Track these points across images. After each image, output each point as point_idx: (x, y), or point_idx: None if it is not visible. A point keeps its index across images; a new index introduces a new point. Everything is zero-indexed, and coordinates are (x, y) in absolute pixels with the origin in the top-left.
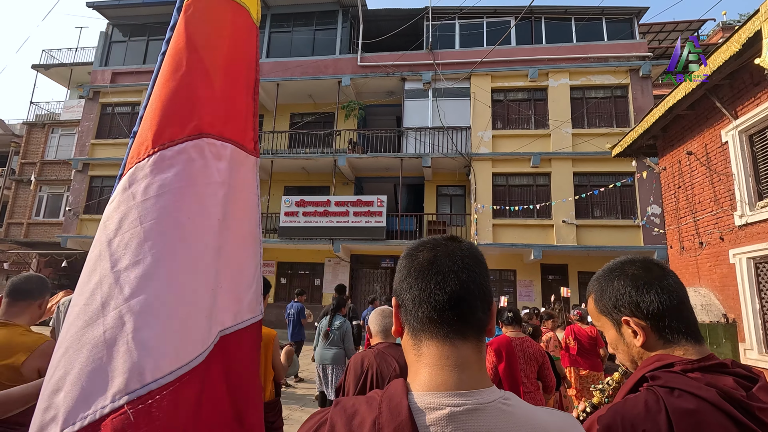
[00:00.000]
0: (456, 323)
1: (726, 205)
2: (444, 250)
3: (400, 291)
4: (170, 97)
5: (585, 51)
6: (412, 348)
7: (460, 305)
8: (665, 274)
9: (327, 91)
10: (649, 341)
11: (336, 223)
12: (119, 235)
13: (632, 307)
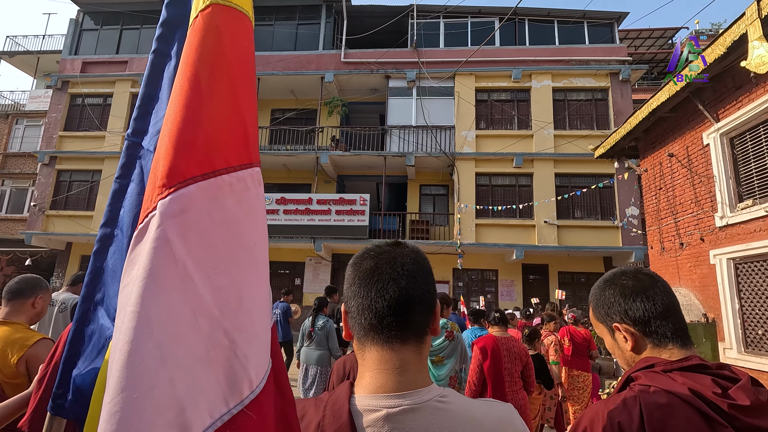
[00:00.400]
0: (395, 329)
1: (707, 206)
2: (387, 257)
3: (347, 298)
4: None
5: (567, 53)
6: (358, 352)
7: (399, 311)
8: (653, 282)
9: (309, 86)
10: (638, 345)
11: (318, 222)
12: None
13: (621, 314)
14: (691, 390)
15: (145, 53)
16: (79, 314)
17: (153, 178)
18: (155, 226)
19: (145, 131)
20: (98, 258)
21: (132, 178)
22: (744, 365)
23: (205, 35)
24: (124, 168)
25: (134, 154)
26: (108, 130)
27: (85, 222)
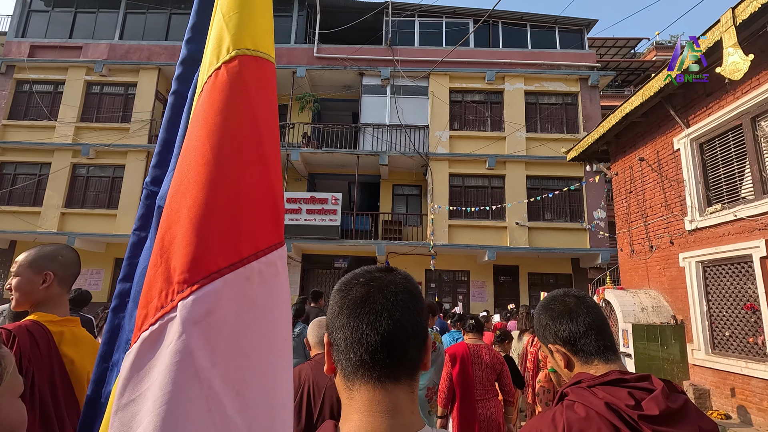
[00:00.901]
0: (388, 366)
1: (676, 210)
2: (378, 284)
3: (332, 329)
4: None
5: (539, 57)
6: (344, 390)
7: (392, 346)
8: (578, 303)
9: (280, 81)
10: (569, 363)
11: (287, 221)
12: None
13: (553, 335)
14: (607, 403)
15: (102, 39)
16: (96, 375)
17: (166, 268)
18: (176, 334)
19: (163, 179)
20: (116, 315)
21: (151, 230)
22: (712, 366)
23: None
24: (142, 219)
25: (152, 204)
26: (59, 120)
27: (32, 219)
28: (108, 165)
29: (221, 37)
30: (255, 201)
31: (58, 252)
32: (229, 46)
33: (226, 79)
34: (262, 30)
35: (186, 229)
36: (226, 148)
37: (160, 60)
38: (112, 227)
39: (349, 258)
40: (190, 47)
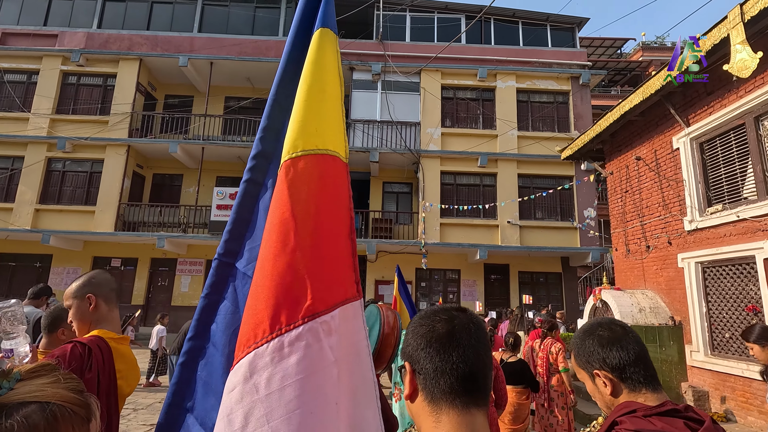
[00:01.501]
0: (474, 393)
1: (675, 210)
2: (460, 323)
3: (419, 358)
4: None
5: (530, 55)
6: (431, 414)
7: (478, 377)
8: (625, 333)
9: (267, 74)
10: (615, 390)
11: None
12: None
13: (600, 362)
14: None
15: (79, 27)
16: (164, 418)
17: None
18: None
19: (237, 253)
20: (186, 369)
21: (225, 296)
22: (711, 368)
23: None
24: (213, 286)
25: (226, 273)
26: (32, 112)
27: (4, 215)
28: (85, 159)
29: (294, 137)
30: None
31: (91, 276)
32: (297, 145)
33: (293, 174)
34: (330, 130)
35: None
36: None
37: (142, 50)
38: (90, 224)
39: None
40: (263, 144)
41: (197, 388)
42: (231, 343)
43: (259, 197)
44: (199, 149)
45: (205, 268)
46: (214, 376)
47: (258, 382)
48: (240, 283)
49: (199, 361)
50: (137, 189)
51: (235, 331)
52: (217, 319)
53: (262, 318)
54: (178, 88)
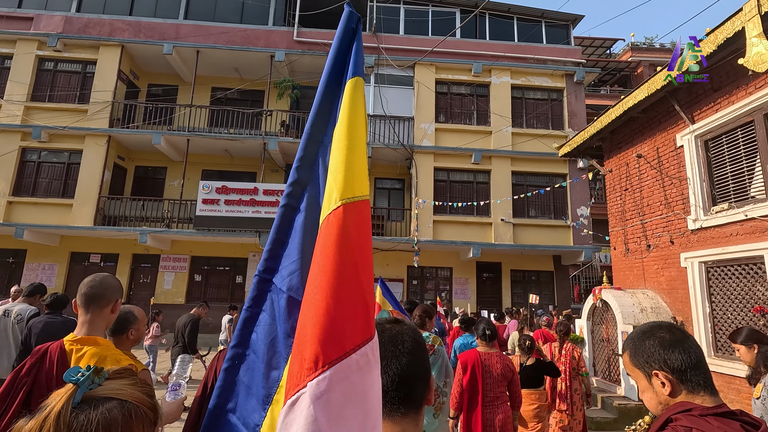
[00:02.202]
0: (396, 403)
1: (678, 208)
2: (388, 335)
3: None
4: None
5: (525, 51)
6: None
7: (400, 387)
8: (685, 337)
9: (256, 65)
10: (674, 391)
11: (264, 214)
12: None
13: (661, 362)
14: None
15: (56, 10)
16: (209, 420)
17: (300, 359)
18: (306, 404)
19: (275, 269)
20: (229, 374)
21: (263, 309)
22: (714, 369)
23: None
24: (254, 300)
25: (265, 288)
26: (5, 98)
27: None
28: (63, 150)
29: (331, 190)
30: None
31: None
32: (336, 197)
33: (334, 222)
34: (359, 177)
35: (312, 336)
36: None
37: (124, 36)
38: (67, 218)
39: None
40: (299, 173)
41: (239, 391)
42: (269, 351)
43: (294, 220)
44: (184, 141)
45: (189, 264)
46: (255, 381)
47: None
48: (276, 297)
49: (242, 367)
50: (118, 182)
51: (272, 340)
52: (257, 329)
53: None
54: (161, 77)
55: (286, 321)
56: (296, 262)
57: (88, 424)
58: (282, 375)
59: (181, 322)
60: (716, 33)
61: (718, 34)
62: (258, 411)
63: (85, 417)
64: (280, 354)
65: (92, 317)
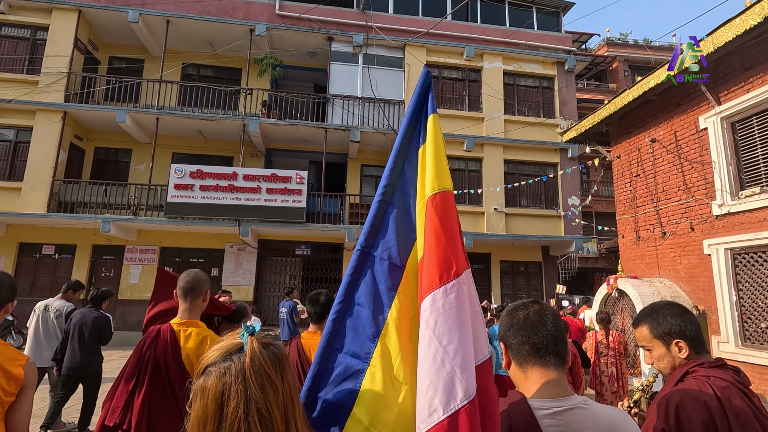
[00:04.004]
0: (548, 356)
1: (700, 193)
2: (536, 307)
3: (508, 337)
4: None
5: (517, 37)
6: (520, 373)
7: (550, 344)
8: (688, 310)
9: (232, 39)
10: (689, 354)
11: (244, 201)
12: (437, 328)
13: (680, 333)
14: (732, 377)
15: None
16: (319, 357)
17: (429, 279)
18: (440, 298)
19: (373, 245)
20: (336, 322)
21: (364, 273)
22: (743, 359)
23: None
24: (356, 268)
25: (365, 259)
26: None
27: None
28: (8, 126)
29: (424, 182)
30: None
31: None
32: (435, 187)
33: (431, 207)
34: (445, 176)
35: (435, 262)
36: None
37: (82, 0)
38: (15, 204)
39: (313, 244)
40: (391, 178)
41: (346, 334)
42: (374, 302)
43: (387, 211)
44: (153, 120)
45: (158, 256)
46: (363, 324)
47: (438, 305)
48: (378, 264)
49: (347, 317)
50: (75, 164)
51: (375, 294)
52: (360, 288)
53: (434, 277)
54: (125, 49)
55: (388, 279)
56: (393, 239)
57: (269, 355)
58: (386, 317)
59: None
60: (762, 4)
61: (761, 7)
62: (367, 344)
63: (263, 351)
64: (384, 303)
65: (190, 305)
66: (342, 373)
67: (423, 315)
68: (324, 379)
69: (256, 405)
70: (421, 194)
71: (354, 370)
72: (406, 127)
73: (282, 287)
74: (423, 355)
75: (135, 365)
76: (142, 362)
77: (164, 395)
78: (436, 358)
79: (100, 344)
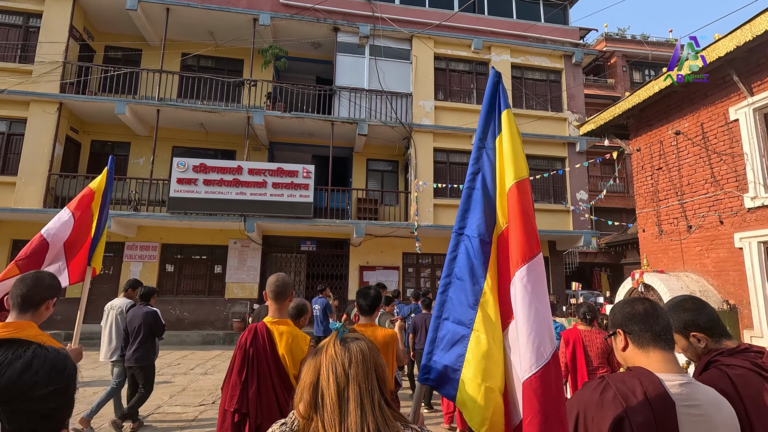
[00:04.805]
0: (667, 341)
1: (730, 186)
2: (651, 303)
3: (627, 324)
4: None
5: (524, 29)
6: (642, 354)
7: (667, 332)
8: (705, 304)
9: (235, 29)
10: (707, 344)
11: (249, 196)
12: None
13: (695, 326)
14: (751, 363)
15: None
16: (432, 326)
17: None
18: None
19: (464, 226)
20: (443, 295)
21: (460, 251)
22: None
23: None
24: (454, 247)
25: (459, 239)
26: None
27: None
28: (1, 117)
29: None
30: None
31: None
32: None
33: (518, 190)
34: (522, 161)
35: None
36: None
37: None
38: (8, 199)
39: (319, 240)
40: (475, 167)
41: (452, 305)
42: (471, 274)
43: (473, 195)
44: (152, 112)
45: (159, 253)
46: (465, 293)
47: (533, 273)
48: (469, 241)
49: (450, 290)
50: (71, 158)
51: (471, 267)
52: (457, 264)
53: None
54: (122, 38)
55: (480, 254)
56: (480, 218)
57: (351, 350)
58: (483, 287)
59: None
60: None
61: None
62: (469, 312)
63: (347, 347)
64: (479, 274)
65: (279, 306)
66: (450, 339)
67: (520, 281)
68: (437, 345)
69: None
70: (501, 178)
71: (460, 335)
72: (483, 122)
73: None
74: (524, 312)
75: (242, 359)
76: (247, 356)
77: (268, 383)
78: (539, 315)
79: (153, 337)
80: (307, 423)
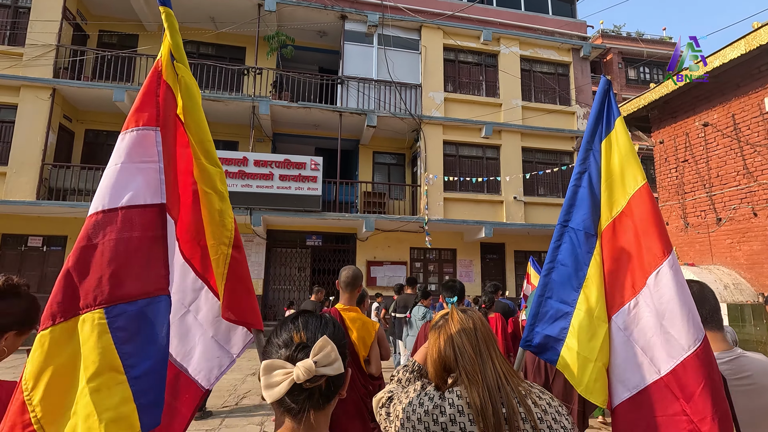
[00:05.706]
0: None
1: (765, 178)
2: (699, 285)
3: None
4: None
5: (532, 21)
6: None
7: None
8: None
9: (237, 15)
10: None
11: (255, 189)
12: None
13: None
14: None
15: None
16: (535, 302)
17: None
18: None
19: (569, 220)
20: (546, 278)
21: (564, 241)
22: None
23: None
24: (558, 237)
25: (563, 231)
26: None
27: None
28: None
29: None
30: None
31: None
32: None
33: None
34: (639, 170)
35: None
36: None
37: None
38: (0, 191)
39: (325, 234)
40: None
41: (554, 286)
42: (574, 262)
43: (578, 192)
44: None
45: None
46: (569, 277)
47: (673, 265)
48: (574, 234)
49: (553, 273)
50: (63, 148)
51: (575, 255)
52: (561, 251)
53: (667, 247)
54: (117, 23)
55: (585, 244)
56: (587, 213)
57: (471, 316)
58: (586, 272)
59: None
60: None
61: None
62: (572, 294)
63: (467, 314)
64: (583, 262)
65: (349, 296)
66: (554, 315)
67: (670, 268)
68: (540, 318)
69: (468, 337)
70: (607, 177)
71: (563, 312)
72: (591, 126)
73: (290, 280)
74: (677, 298)
75: None
76: None
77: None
78: (687, 302)
79: None
80: (443, 383)
